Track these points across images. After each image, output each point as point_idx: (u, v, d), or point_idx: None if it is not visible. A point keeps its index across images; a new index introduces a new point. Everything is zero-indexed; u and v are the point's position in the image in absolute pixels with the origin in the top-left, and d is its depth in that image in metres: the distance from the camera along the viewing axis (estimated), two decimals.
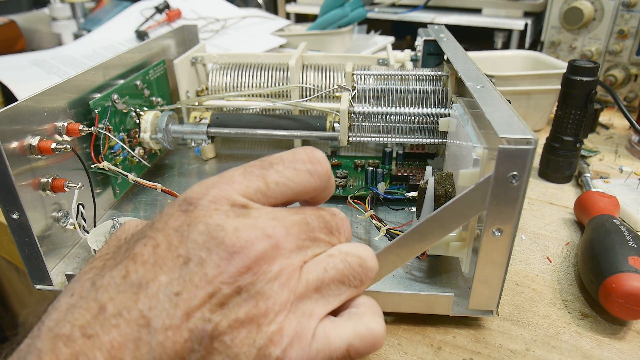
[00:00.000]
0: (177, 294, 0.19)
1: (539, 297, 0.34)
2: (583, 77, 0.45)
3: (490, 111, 0.27)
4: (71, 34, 0.89)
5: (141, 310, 0.18)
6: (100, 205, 0.42)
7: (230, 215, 0.20)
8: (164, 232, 0.20)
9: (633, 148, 0.56)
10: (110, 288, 0.19)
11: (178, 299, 0.19)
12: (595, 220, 0.37)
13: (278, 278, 0.20)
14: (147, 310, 0.18)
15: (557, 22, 0.71)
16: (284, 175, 0.22)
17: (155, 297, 0.19)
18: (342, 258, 0.23)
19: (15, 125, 0.31)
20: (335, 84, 0.53)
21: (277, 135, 0.47)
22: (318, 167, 0.23)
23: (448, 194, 0.31)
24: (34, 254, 0.33)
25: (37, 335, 0.19)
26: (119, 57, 0.45)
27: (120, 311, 0.18)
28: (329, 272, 0.22)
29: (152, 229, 0.21)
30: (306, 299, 0.21)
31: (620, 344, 0.30)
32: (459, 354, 0.30)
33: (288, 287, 0.21)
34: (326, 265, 0.22)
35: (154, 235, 0.20)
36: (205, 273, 0.19)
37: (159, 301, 0.19)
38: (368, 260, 0.23)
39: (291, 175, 0.22)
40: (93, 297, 0.19)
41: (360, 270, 0.23)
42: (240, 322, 0.19)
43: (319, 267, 0.22)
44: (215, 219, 0.20)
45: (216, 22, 0.84)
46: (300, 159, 0.23)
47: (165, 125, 0.46)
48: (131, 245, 0.21)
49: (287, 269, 0.21)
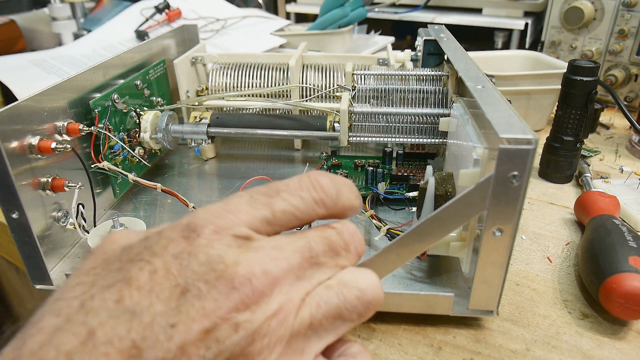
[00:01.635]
0: (172, 325, 0.18)
1: (539, 297, 0.34)
2: (583, 77, 0.45)
3: (490, 111, 0.27)
4: (71, 34, 0.89)
5: (134, 340, 0.17)
6: (100, 205, 0.42)
7: (232, 247, 0.20)
8: (163, 258, 0.19)
9: (633, 148, 0.56)
10: (102, 312, 0.18)
11: (173, 331, 0.18)
12: (596, 220, 0.37)
13: (276, 316, 0.20)
14: (140, 341, 0.17)
15: (557, 22, 0.71)
16: (290, 203, 0.22)
17: (150, 327, 0.18)
18: (339, 291, 0.21)
19: (15, 125, 0.31)
20: (335, 84, 0.53)
21: (277, 135, 0.47)
22: (323, 196, 0.22)
23: (448, 194, 0.31)
24: (33, 254, 0.33)
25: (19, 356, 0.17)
26: (119, 57, 0.45)
27: (111, 339, 0.17)
28: (322, 307, 0.21)
29: (150, 252, 0.20)
30: (300, 336, 0.21)
31: (620, 344, 0.30)
32: (459, 354, 0.30)
33: (285, 324, 0.20)
34: (320, 299, 0.21)
35: (151, 260, 0.19)
36: (202, 306, 0.18)
37: (153, 331, 0.18)
38: (368, 291, 0.22)
39: (297, 204, 0.22)
40: (82, 320, 0.18)
41: (358, 304, 0.22)
42: (234, 358, 0.19)
43: (313, 301, 0.21)
44: (217, 249, 0.19)
45: (216, 22, 0.84)
46: (305, 187, 0.22)
47: (165, 125, 0.46)
48: (124, 264, 0.20)
49: (286, 305, 0.20)
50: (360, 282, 0.22)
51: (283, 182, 0.22)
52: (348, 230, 0.23)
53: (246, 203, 0.21)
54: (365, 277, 0.22)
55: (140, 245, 0.21)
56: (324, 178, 0.23)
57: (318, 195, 0.22)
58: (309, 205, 0.22)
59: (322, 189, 0.22)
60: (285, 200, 0.22)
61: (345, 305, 0.21)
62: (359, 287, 0.22)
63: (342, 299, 0.21)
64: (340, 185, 0.23)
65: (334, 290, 0.21)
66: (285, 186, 0.22)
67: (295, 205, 0.22)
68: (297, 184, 0.22)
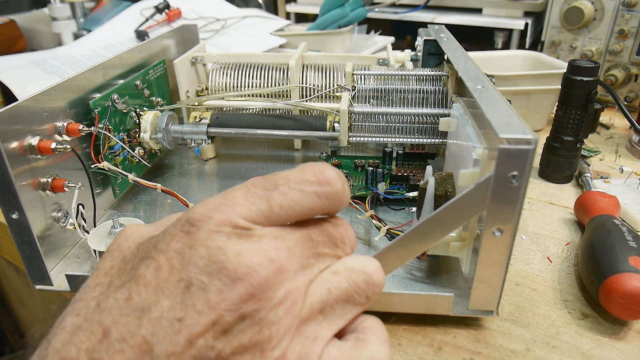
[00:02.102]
0: (179, 319, 0.18)
1: (539, 297, 0.34)
2: (583, 77, 0.45)
3: (490, 111, 0.27)
4: (71, 34, 0.89)
5: (144, 335, 0.18)
6: (100, 205, 0.42)
7: (232, 238, 0.20)
8: (166, 254, 0.20)
9: (633, 148, 0.56)
10: (114, 311, 0.19)
11: (180, 325, 0.18)
12: (596, 220, 0.37)
13: (283, 303, 0.20)
14: (150, 336, 0.18)
15: (557, 22, 0.71)
16: (289, 197, 0.21)
17: (158, 323, 0.18)
18: (347, 275, 0.22)
19: (15, 125, 0.31)
20: (335, 84, 0.53)
21: (277, 135, 0.47)
22: (327, 189, 0.21)
23: (448, 194, 0.31)
24: (33, 254, 0.33)
25: (45, 355, 0.19)
26: (119, 57, 0.45)
27: (124, 336, 0.18)
28: (333, 292, 0.21)
29: (156, 250, 0.20)
30: (311, 322, 0.21)
31: (620, 344, 0.30)
32: (459, 354, 0.30)
33: (293, 311, 0.20)
34: (330, 285, 0.21)
35: (156, 257, 0.20)
36: (207, 299, 0.19)
37: (161, 327, 0.18)
38: (374, 275, 0.23)
39: (297, 198, 0.21)
40: (97, 319, 0.19)
41: (366, 287, 0.22)
42: (244, 347, 0.19)
43: (322, 287, 0.21)
44: (217, 242, 0.20)
45: (216, 22, 0.84)
46: (307, 179, 0.21)
47: (165, 125, 0.46)
48: (136, 264, 0.20)
49: (293, 292, 0.20)
50: (367, 267, 0.23)
51: (283, 174, 0.22)
52: (343, 224, 0.24)
53: (243, 196, 0.21)
54: (369, 261, 0.23)
55: (149, 243, 0.21)
56: (330, 171, 0.22)
57: (321, 189, 0.21)
58: (310, 200, 0.21)
59: (327, 181, 0.21)
60: (283, 194, 0.21)
61: (355, 289, 0.22)
62: (365, 271, 0.22)
63: (351, 283, 0.22)
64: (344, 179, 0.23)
65: (343, 275, 0.22)
66: (285, 179, 0.21)
67: (295, 200, 0.21)
68: (298, 176, 0.21)
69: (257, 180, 0.22)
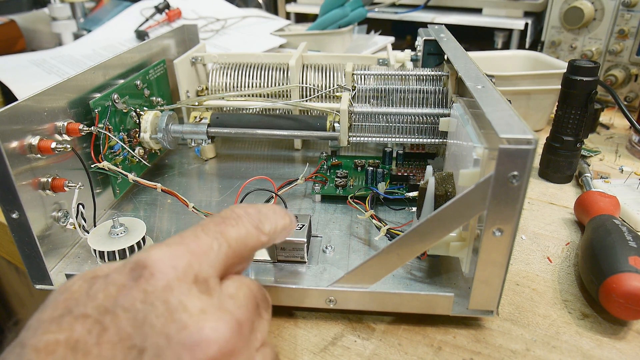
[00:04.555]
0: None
1: (539, 297, 0.34)
2: (583, 77, 0.45)
3: (490, 111, 0.27)
4: (71, 34, 0.89)
5: None
6: (100, 205, 0.42)
7: (193, 293, 0.17)
8: (112, 314, 0.16)
9: (633, 148, 0.56)
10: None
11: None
12: (596, 220, 0.37)
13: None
14: None
15: (557, 22, 0.71)
16: (241, 230, 0.21)
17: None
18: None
19: (15, 125, 0.31)
20: (335, 84, 0.53)
21: (277, 135, 0.47)
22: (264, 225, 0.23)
23: (448, 194, 0.31)
24: (34, 254, 0.33)
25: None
26: (119, 57, 0.45)
27: None
28: None
29: (96, 306, 0.17)
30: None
31: (620, 344, 0.30)
32: (459, 354, 0.30)
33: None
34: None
35: (100, 318, 0.16)
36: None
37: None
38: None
39: (245, 231, 0.22)
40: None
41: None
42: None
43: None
44: (177, 295, 0.17)
45: (216, 22, 0.84)
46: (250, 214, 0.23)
47: (165, 125, 0.46)
48: (71, 320, 0.17)
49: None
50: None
51: (235, 212, 0.23)
52: (262, 288, 0.23)
53: (201, 236, 0.20)
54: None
55: (86, 297, 0.17)
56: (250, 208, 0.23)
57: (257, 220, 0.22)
58: (251, 232, 0.22)
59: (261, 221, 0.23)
60: (236, 228, 0.21)
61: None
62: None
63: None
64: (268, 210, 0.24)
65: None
66: (236, 214, 0.22)
67: (245, 232, 0.22)
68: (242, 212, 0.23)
69: (209, 219, 0.22)
